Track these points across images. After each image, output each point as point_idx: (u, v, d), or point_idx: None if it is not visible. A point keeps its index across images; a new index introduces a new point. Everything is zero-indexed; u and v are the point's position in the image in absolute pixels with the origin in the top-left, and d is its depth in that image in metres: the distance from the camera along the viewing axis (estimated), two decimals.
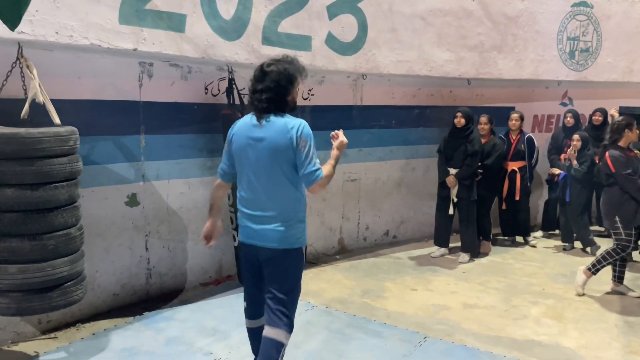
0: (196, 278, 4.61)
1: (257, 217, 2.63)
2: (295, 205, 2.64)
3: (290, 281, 2.69)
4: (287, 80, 2.59)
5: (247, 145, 2.62)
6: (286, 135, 2.53)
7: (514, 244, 6.08)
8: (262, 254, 2.66)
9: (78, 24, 3.25)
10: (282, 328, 2.64)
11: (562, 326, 3.86)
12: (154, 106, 4.16)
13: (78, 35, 3.26)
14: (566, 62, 6.69)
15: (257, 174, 2.60)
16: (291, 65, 2.63)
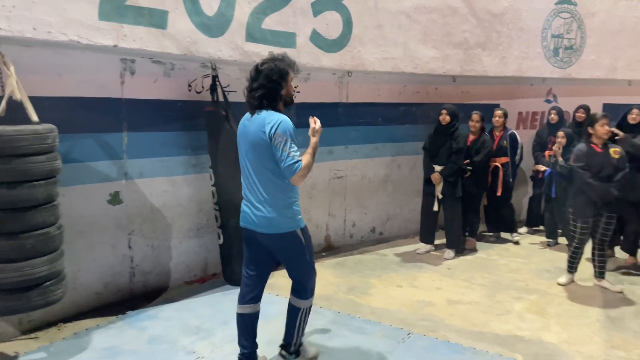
0: (181, 276, 4.59)
1: (252, 204, 2.89)
2: (281, 192, 2.82)
3: (292, 262, 3.00)
4: (278, 75, 2.80)
5: (242, 138, 2.89)
6: (262, 131, 2.74)
7: (499, 240, 6.12)
8: (262, 239, 2.92)
9: (56, 20, 3.21)
10: (296, 295, 3.07)
11: (545, 321, 3.89)
12: (137, 103, 4.12)
13: (56, 32, 3.22)
14: (550, 59, 6.74)
15: (249, 164, 2.86)
16: (282, 61, 2.85)
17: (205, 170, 4.52)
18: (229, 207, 4.39)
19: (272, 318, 3.84)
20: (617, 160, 4.27)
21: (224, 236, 4.47)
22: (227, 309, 4.00)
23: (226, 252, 4.50)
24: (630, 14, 7.11)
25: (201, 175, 4.56)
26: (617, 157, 4.27)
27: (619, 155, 4.27)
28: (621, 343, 3.54)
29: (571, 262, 4.66)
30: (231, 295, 4.32)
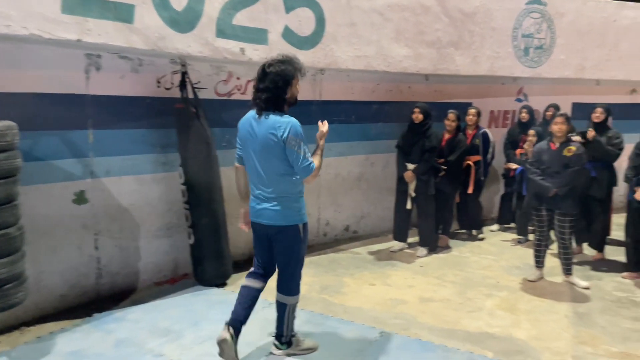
0: (150, 277, 4.49)
1: (259, 197, 3.04)
2: (288, 187, 2.98)
3: (286, 255, 3.11)
4: (284, 81, 2.90)
5: (249, 135, 2.99)
6: (272, 134, 2.87)
7: (470, 237, 6.18)
8: (268, 231, 3.08)
9: (17, 13, 3.09)
10: (284, 293, 3.18)
11: (515, 318, 3.93)
12: (103, 100, 4.01)
13: (17, 25, 3.10)
14: (521, 58, 6.83)
15: (258, 162, 2.99)
16: (289, 65, 2.94)
17: (174, 168, 4.43)
18: (200, 206, 4.32)
19: None
20: (570, 158, 4.35)
21: (194, 236, 4.39)
22: (198, 310, 3.94)
23: (197, 252, 4.43)
24: (598, 15, 7.27)
25: (171, 174, 4.47)
26: (570, 155, 4.35)
27: (572, 154, 4.35)
28: (588, 339, 3.60)
29: (536, 257, 4.74)
30: (202, 295, 4.26)
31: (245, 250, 5.22)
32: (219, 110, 4.82)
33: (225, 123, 4.89)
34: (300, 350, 3.32)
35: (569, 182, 4.35)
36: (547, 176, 4.43)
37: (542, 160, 4.50)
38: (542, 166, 4.48)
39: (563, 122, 4.41)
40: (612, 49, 7.45)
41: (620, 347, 3.47)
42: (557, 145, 4.45)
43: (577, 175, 4.42)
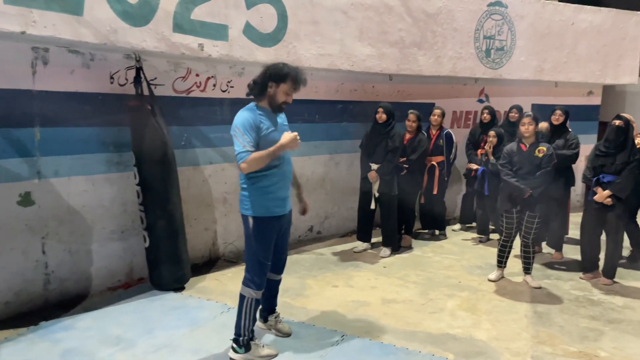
0: (103, 282, 4.29)
1: None
2: (241, 176, 3.15)
3: (245, 243, 3.23)
4: (273, 73, 3.07)
5: None
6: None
7: (433, 237, 6.19)
8: None
9: None
10: (242, 282, 3.26)
11: (476, 318, 3.94)
12: (51, 96, 3.80)
13: None
14: (482, 60, 6.89)
15: None
16: (287, 68, 3.10)
17: (129, 168, 4.25)
18: (155, 208, 4.16)
19: (200, 325, 3.66)
20: (541, 158, 4.39)
21: (150, 238, 4.22)
22: (153, 316, 3.78)
23: (153, 255, 4.26)
24: (556, 18, 7.42)
25: (125, 174, 4.28)
26: (541, 156, 4.39)
27: (543, 154, 4.40)
28: (547, 338, 3.63)
29: (499, 256, 4.78)
30: (158, 301, 4.10)
31: (205, 253, 5.08)
32: (177, 108, 4.66)
33: (184, 121, 4.74)
34: (258, 357, 3.23)
35: (542, 182, 4.39)
36: (518, 178, 4.44)
37: (513, 161, 4.50)
38: (514, 167, 4.49)
39: (530, 122, 4.44)
40: (570, 51, 7.63)
41: (578, 347, 3.50)
42: (527, 147, 4.47)
43: (550, 176, 4.47)
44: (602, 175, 4.56)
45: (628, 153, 4.47)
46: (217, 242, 5.17)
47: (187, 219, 4.80)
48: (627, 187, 4.46)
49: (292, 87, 3.10)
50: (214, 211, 5.07)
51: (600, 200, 4.52)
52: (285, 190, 3.24)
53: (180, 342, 3.40)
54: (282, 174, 3.17)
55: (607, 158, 4.53)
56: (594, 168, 4.64)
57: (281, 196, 3.19)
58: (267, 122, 3.09)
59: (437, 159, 5.98)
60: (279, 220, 3.20)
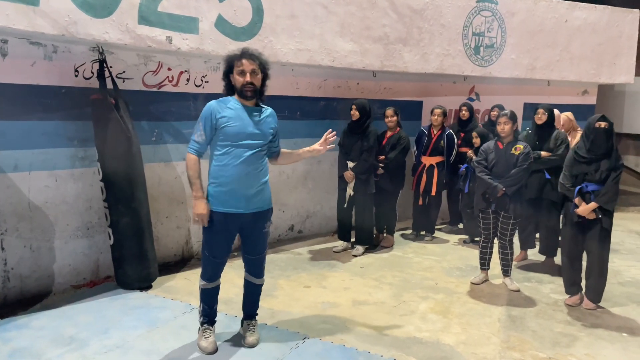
0: (67, 280, 4.19)
1: None
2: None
3: None
4: (227, 65, 3.08)
5: None
6: None
7: (417, 237, 6.04)
8: None
9: None
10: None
11: (447, 322, 3.79)
12: (10, 88, 3.71)
13: None
14: (471, 57, 6.75)
15: None
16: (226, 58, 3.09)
17: (94, 164, 4.14)
18: (119, 205, 4.05)
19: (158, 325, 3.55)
20: (517, 157, 4.25)
21: (114, 236, 4.12)
22: (111, 316, 3.67)
23: (117, 253, 4.15)
24: (549, 15, 7.25)
25: (90, 170, 4.18)
26: (517, 154, 4.25)
27: (519, 152, 4.25)
28: (517, 343, 3.48)
29: (481, 259, 4.64)
30: (120, 300, 4.00)
31: (178, 251, 4.97)
32: (147, 102, 4.55)
33: (155, 116, 4.64)
34: (198, 343, 3.26)
35: (517, 181, 4.23)
36: (494, 176, 4.31)
37: (489, 159, 4.38)
38: (489, 165, 4.36)
39: (506, 121, 4.30)
40: (563, 49, 7.46)
41: (549, 352, 3.35)
42: (504, 145, 4.34)
43: (525, 174, 4.32)
44: (584, 184, 3.93)
45: (614, 159, 3.88)
46: (190, 240, 5.05)
47: (158, 216, 4.70)
48: (614, 198, 3.89)
49: (240, 63, 3.00)
50: (187, 209, 4.95)
51: (584, 213, 3.89)
52: (245, 189, 3.05)
53: (134, 343, 3.29)
54: (238, 173, 3.02)
55: (590, 165, 3.90)
56: (573, 176, 4.00)
57: (237, 194, 3.04)
58: (231, 114, 3.02)
59: (437, 160, 5.82)
60: (231, 218, 3.07)
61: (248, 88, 3.01)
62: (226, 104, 3.06)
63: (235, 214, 3.07)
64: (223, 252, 3.19)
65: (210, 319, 3.30)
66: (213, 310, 3.30)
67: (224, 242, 3.14)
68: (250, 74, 2.99)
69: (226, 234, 3.12)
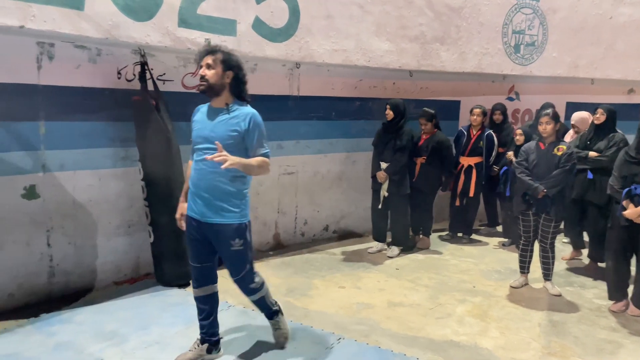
0: (109, 277, 4.31)
1: None
2: None
3: None
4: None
5: None
6: None
7: (454, 239, 5.95)
8: None
9: None
10: None
11: (485, 325, 3.72)
12: (56, 90, 3.84)
13: None
14: (511, 55, 6.60)
15: None
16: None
17: (136, 163, 4.25)
18: (159, 203, 4.14)
19: (196, 322, 3.59)
20: (559, 157, 4.12)
21: (154, 234, 4.21)
22: (150, 313, 3.76)
23: (157, 251, 4.25)
24: (593, 12, 7.02)
25: (132, 169, 4.29)
26: (560, 154, 4.12)
27: (562, 152, 4.12)
28: (559, 349, 3.37)
29: (521, 262, 4.52)
30: (159, 297, 4.08)
31: None
32: (186, 103, 4.60)
33: None
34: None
35: (558, 182, 4.10)
36: (535, 177, 4.19)
37: (530, 160, 4.26)
38: (530, 166, 4.24)
39: (548, 121, 4.18)
40: (608, 47, 7.20)
41: (592, 359, 3.24)
42: (545, 145, 4.22)
43: (567, 176, 4.19)
44: (634, 186, 3.76)
45: None
46: None
47: None
48: None
49: (198, 66, 2.81)
50: None
51: (633, 217, 3.70)
52: (201, 196, 2.83)
53: (172, 339, 3.36)
54: (196, 177, 2.85)
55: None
56: (623, 177, 3.86)
57: (195, 199, 2.87)
58: (199, 117, 2.91)
59: (475, 160, 5.72)
60: (195, 223, 2.90)
61: (200, 83, 2.78)
62: (201, 108, 2.94)
63: (195, 219, 2.89)
64: (193, 257, 3.00)
65: (202, 334, 3.09)
66: (204, 327, 3.08)
67: (192, 246, 2.97)
68: (204, 67, 2.75)
69: (193, 239, 2.95)
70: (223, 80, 2.79)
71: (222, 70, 2.77)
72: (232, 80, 2.81)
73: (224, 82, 2.80)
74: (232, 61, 2.81)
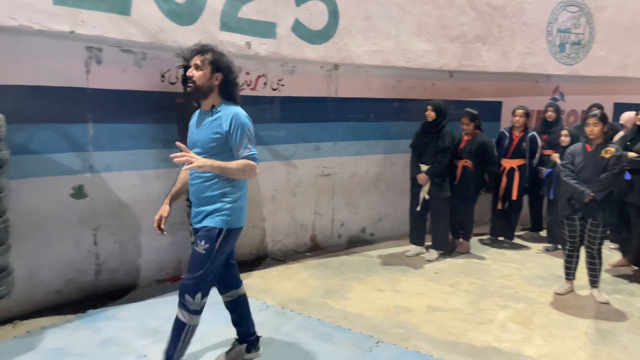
0: (151, 274, 4.42)
1: None
2: None
3: None
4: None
5: None
6: None
7: (495, 243, 5.81)
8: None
9: (5, 4, 3.06)
10: None
11: (528, 332, 3.62)
12: (104, 94, 3.96)
13: (4, 16, 3.07)
14: (556, 55, 6.42)
15: None
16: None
17: (177, 164, 4.33)
18: None
19: None
20: (607, 160, 3.96)
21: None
22: None
23: None
24: None
25: (174, 170, 4.37)
26: (608, 157, 3.96)
27: (610, 155, 3.96)
28: (606, 358, 3.25)
29: (566, 268, 4.38)
30: None
31: (253, 250, 5.10)
32: None
33: None
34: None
35: (606, 186, 3.96)
36: (581, 181, 4.06)
37: (576, 162, 4.13)
38: (576, 169, 4.11)
39: (596, 122, 4.03)
40: None
41: None
42: (593, 147, 4.08)
43: (616, 179, 4.04)
44: None
45: None
46: (265, 240, 5.17)
47: None
48: None
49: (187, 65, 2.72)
50: (262, 209, 5.08)
51: None
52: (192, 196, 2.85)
53: (213, 337, 3.41)
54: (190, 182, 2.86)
55: None
56: None
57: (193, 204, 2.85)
58: (192, 122, 2.85)
59: (518, 162, 5.58)
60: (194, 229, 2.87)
61: (187, 85, 2.68)
62: (197, 112, 2.84)
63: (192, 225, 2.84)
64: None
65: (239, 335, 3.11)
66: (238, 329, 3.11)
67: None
68: (192, 67, 2.66)
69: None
70: (211, 83, 2.66)
71: (211, 71, 2.65)
72: (222, 82, 2.69)
73: (212, 85, 2.67)
74: (221, 62, 2.67)
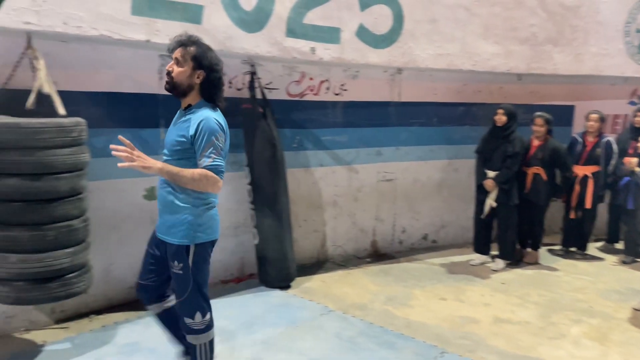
0: (217, 275, 4.53)
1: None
2: None
3: None
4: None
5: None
6: None
7: (566, 254, 5.54)
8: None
9: (87, 15, 3.23)
10: None
11: (604, 350, 3.41)
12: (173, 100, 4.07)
13: (87, 26, 3.24)
14: (634, 56, 6.05)
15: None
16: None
17: (242, 168, 4.44)
18: (264, 207, 4.29)
19: (298, 325, 3.67)
20: None
21: (259, 236, 4.36)
22: (254, 312, 3.89)
23: (261, 252, 4.40)
24: None
25: (239, 174, 4.48)
26: None
27: None
28: None
29: None
30: (262, 297, 4.22)
31: (313, 254, 5.13)
32: (290, 111, 4.77)
33: (296, 124, 4.85)
34: None
35: None
36: None
37: None
38: None
39: None
40: None
41: None
42: None
43: None
44: None
45: None
46: (326, 244, 5.19)
47: (297, 219, 4.89)
48: None
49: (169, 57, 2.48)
50: (323, 213, 5.10)
51: None
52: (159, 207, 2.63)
53: (276, 340, 3.45)
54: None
55: None
56: None
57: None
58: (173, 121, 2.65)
59: (592, 169, 5.32)
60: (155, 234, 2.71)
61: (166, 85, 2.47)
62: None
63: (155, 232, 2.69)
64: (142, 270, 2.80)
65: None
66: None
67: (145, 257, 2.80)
68: (172, 61, 2.42)
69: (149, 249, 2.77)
70: (191, 80, 2.42)
71: (192, 68, 2.40)
72: (203, 81, 2.44)
73: (193, 83, 2.43)
74: (205, 59, 2.40)
